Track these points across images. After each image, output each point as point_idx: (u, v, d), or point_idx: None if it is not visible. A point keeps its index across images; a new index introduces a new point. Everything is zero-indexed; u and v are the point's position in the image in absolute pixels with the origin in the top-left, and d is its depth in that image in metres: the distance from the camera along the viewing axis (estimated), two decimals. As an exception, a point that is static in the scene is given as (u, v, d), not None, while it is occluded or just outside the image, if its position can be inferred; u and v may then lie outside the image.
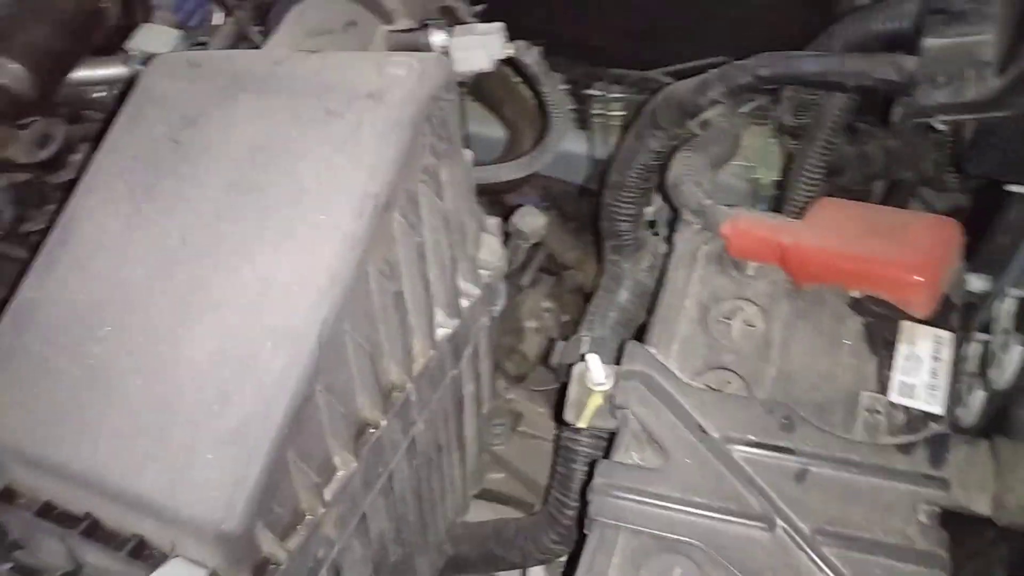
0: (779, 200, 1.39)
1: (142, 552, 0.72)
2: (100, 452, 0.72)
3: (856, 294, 1.00)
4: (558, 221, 1.85)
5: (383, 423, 0.85)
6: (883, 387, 0.96)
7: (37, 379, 0.76)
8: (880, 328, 0.99)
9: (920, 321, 0.98)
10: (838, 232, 0.99)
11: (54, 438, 0.73)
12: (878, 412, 0.95)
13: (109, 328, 0.77)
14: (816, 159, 1.23)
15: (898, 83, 1.02)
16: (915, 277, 0.94)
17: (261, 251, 0.78)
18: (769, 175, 1.42)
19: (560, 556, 1.36)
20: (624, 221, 1.37)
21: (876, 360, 0.98)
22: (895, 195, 1.51)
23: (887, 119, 1.07)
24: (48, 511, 0.74)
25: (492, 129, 1.75)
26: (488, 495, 1.50)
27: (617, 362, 1.02)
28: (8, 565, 0.76)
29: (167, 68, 0.91)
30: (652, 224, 1.43)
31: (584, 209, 1.78)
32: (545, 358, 1.73)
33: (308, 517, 0.77)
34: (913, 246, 0.96)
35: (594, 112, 1.69)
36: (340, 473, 0.81)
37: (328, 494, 0.79)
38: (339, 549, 0.84)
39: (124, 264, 0.80)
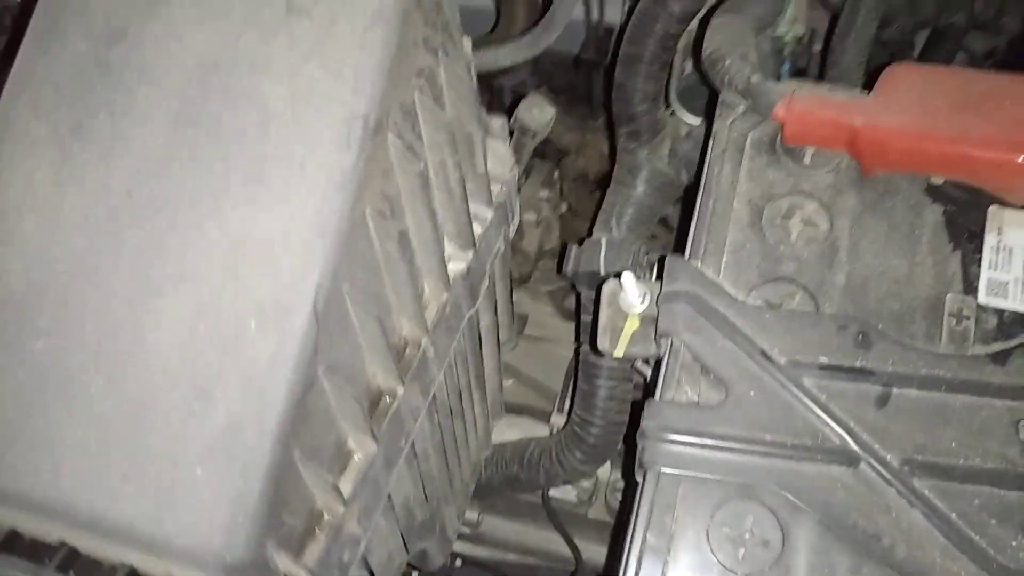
0: (793, 59, 1.22)
1: (135, 585, 0.60)
2: (64, 475, 0.58)
3: (937, 180, 0.85)
4: (551, 98, 1.66)
5: (400, 390, 0.71)
6: (970, 287, 0.83)
7: (-28, 385, 0.62)
8: (963, 216, 0.86)
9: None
10: (920, 106, 0.83)
11: (5, 461, 0.60)
12: (966, 317, 0.83)
13: (53, 316, 0.62)
14: (870, 11, 1.05)
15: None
16: (1019, 158, 0.79)
17: (229, 202, 0.62)
18: (793, 30, 1.23)
19: (588, 476, 1.28)
20: (640, 102, 1.20)
21: (960, 255, 0.85)
22: (939, 44, 1.34)
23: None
24: (13, 542, 0.61)
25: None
26: (498, 405, 1.41)
27: (659, 275, 0.88)
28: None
29: (79, -34, 0.71)
30: (668, 104, 1.26)
31: (579, 82, 1.59)
32: (545, 252, 1.60)
33: (327, 518, 0.65)
34: (1014, 120, 0.80)
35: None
36: (357, 458, 0.68)
37: (347, 487, 0.67)
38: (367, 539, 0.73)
39: (60, 231, 0.64)
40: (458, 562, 1.50)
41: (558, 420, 1.36)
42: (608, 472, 1.32)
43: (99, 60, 0.68)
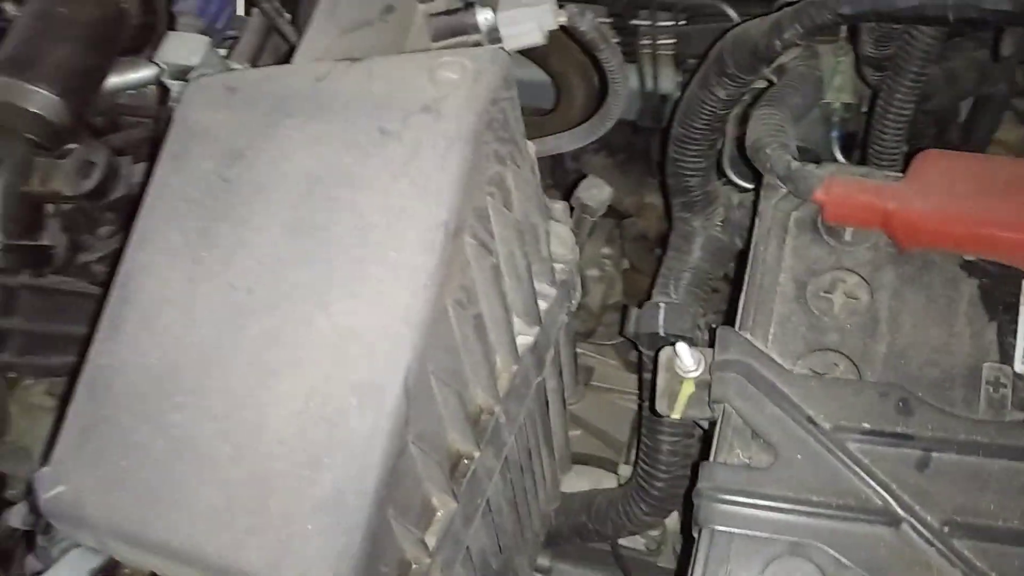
0: (842, 125, 1.27)
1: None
2: (199, 528, 0.70)
3: (969, 257, 0.91)
4: (609, 161, 1.75)
5: (476, 454, 0.81)
6: (1006, 356, 0.88)
7: (123, 452, 0.74)
8: (998, 289, 0.91)
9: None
10: (949, 191, 0.90)
11: (151, 516, 0.72)
12: (1003, 385, 0.87)
13: (187, 394, 0.74)
14: (907, 94, 1.11)
15: (1013, 13, 0.90)
16: (1044, 241, 0.85)
17: (333, 297, 0.74)
18: (840, 97, 1.29)
19: (653, 527, 1.34)
20: (692, 176, 1.28)
21: (996, 326, 0.90)
22: (984, 109, 1.38)
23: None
24: (155, 582, 0.73)
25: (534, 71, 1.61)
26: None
27: (710, 343, 0.95)
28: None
29: (204, 96, 0.85)
30: (721, 174, 1.34)
31: (636, 142, 1.68)
32: (609, 307, 1.67)
33: (414, 567, 0.75)
34: (1038, 203, 0.86)
35: (642, 43, 1.57)
36: (439, 515, 0.78)
37: (432, 541, 0.77)
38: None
39: (192, 321, 0.76)
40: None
41: (625, 471, 1.43)
42: (676, 522, 1.38)
43: (222, 176, 0.81)
